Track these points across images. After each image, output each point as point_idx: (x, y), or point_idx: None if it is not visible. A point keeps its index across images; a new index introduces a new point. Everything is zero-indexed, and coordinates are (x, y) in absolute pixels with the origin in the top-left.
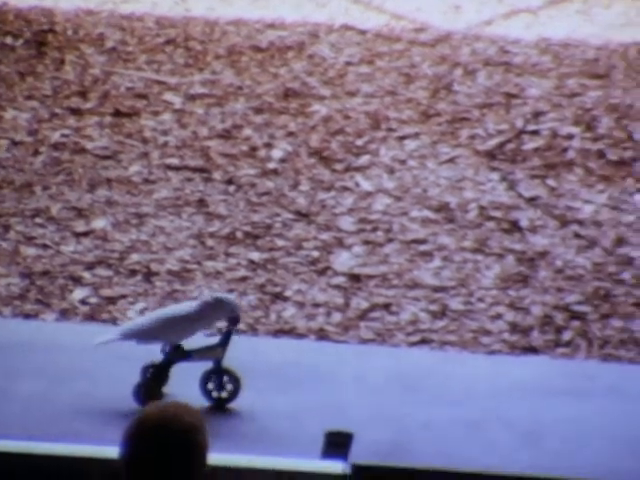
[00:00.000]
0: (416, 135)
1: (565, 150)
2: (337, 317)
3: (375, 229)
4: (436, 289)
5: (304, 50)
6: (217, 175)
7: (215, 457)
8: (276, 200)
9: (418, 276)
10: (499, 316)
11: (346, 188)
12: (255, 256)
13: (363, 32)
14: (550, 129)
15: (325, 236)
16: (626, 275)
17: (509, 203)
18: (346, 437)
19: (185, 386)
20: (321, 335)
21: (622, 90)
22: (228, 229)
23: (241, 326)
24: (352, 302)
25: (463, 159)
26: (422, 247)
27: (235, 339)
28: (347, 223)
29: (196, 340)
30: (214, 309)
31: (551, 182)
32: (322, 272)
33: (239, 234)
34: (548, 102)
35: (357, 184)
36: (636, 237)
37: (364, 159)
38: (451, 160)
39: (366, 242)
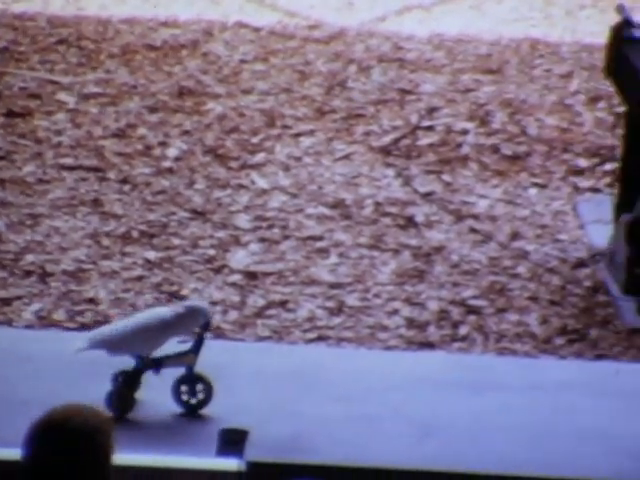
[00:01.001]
0: (311, 132)
1: (460, 145)
2: (234, 315)
3: (271, 226)
4: (332, 286)
5: (198, 48)
6: (112, 174)
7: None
8: (171, 199)
9: (314, 273)
10: (395, 312)
11: (242, 186)
12: (151, 255)
13: (257, 30)
14: (444, 124)
15: (221, 234)
16: (521, 269)
17: (404, 199)
18: (241, 434)
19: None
20: (218, 333)
21: (515, 85)
22: (124, 228)
23: None
24: (249, 300)
25: (358, 155)
26: (318, 244)
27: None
28: (243, 221)
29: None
30: (187, 318)
31: (446, 177)
32: (218, 270)
33: (135, 233)
34: (442, 98)
35: (253, 182)
36: (531, 231)
37: (259, 157)
38: (346, 157)
39: (262, 239)
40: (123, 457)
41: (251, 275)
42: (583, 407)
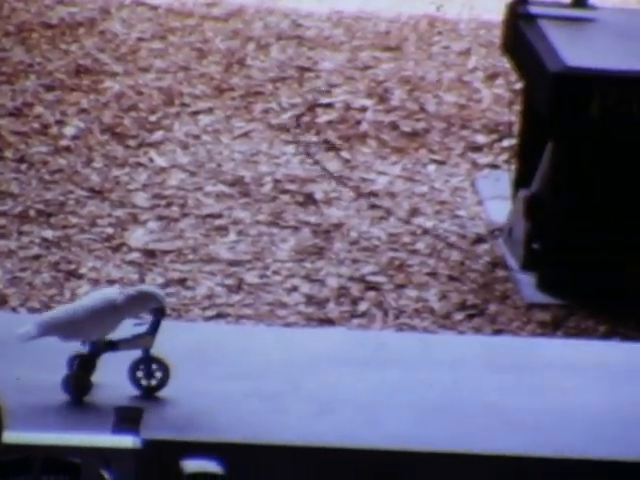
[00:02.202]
0: (210, 110)
1: (358, 122)
2: None
3: (170, 204)
4: (231, 263)
5: (95, 26)
6: (8, 153)
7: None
8: (69, 177)
9: (213, 250)
10: (295, 288)
11: (140, 164)
12: (49, 234)
13: (155, 7)
14: (343, 102)
15: (119, 212)
16: (420, 245)
17: (303, 176)
18: (137, 412)
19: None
20: None
21: (414, 62)
22: (20, 207)
23: (35, 304)
24: (147, 278)
25: (257, 133)
26: (217, 221)
27: (29, 317)
28: (141, 199)
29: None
30: (138, 302)
31: (345, 154)
32: (117, 248)
33: (32, 212)
34: (341, 75)
35: (151, 160)
36: (430, 207)
37: (158, 135)
38: (245, 134)
39: (161, 218)
40: (13, 435)
41: (150, 253)
42: (482, 382)
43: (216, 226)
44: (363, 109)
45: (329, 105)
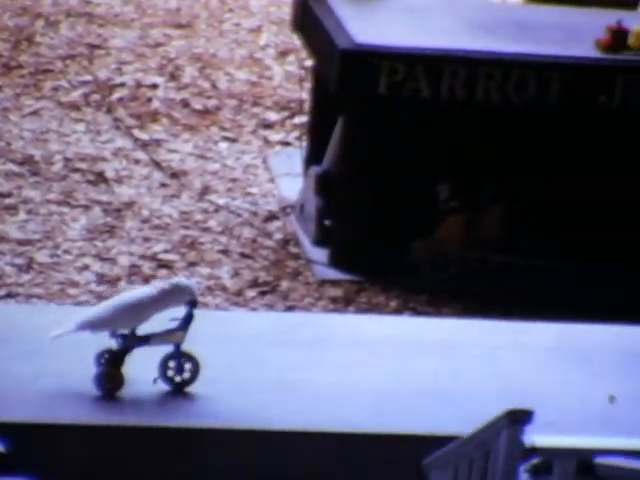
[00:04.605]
0: None
1: (150, 100)
2: None
3: None
4: (21, 242)
5: None
6: None
7: None
8: None
9: (3, 230)
10: (86, 267)
11: None
12: None
13: None
14: (135, 79)
15: None
16: (212, 223)
17: (94, 154)
18: None
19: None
20: None
21: (205, 39)
22: None
23: None
24: None
25: (47, 111)
26: (7, 201)
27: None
28: None
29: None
30: (172, 295)
31: (137, 132)
32: None
33: None
34: (132, 52)
35: None
36: (222, 185)
37: None
38: (35, 112)
39: None
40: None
41: None
42: (273, 358)
43: (5, 205)
44: (154, 87)
45: (120, 83)
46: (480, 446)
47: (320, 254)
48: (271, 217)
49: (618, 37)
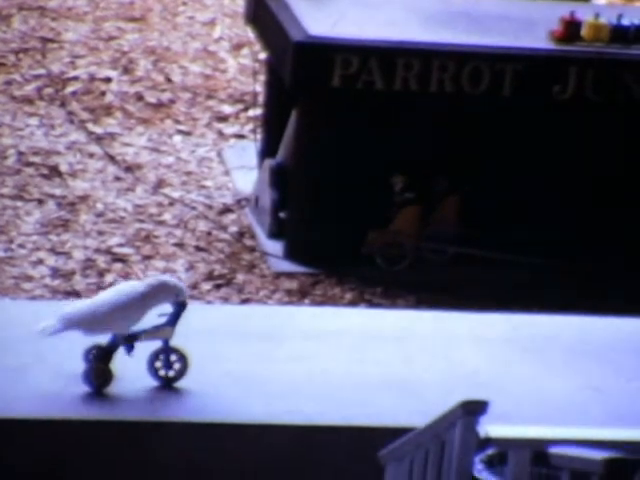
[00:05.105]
0: None
1: (103, 93)
2: None
3: None
4: None
5: None
6: None
7: None
8: None
9: None
10: (40, 261)
11: None
12: None
13: None
14: (88, 73)
15: None
16: (167, 216)
17: (48, 148)
18: None
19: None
20: None
21: (159, 33)
22: None
23: None
24: None
25: (0, 105)
26: None
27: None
28: None
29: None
30: (159, 292)
31: (91, 126)
32: None
33: None
34: (85, 46)
35: None
36: (176, 178)
37: None
38: None
39: None
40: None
41: None
42: (229, 350)
43: None
44: (108, 80)
45: (74, 77)
46: (436, 437)
47: (275, 247)
48: (226, 210)
49: (571, 28)
